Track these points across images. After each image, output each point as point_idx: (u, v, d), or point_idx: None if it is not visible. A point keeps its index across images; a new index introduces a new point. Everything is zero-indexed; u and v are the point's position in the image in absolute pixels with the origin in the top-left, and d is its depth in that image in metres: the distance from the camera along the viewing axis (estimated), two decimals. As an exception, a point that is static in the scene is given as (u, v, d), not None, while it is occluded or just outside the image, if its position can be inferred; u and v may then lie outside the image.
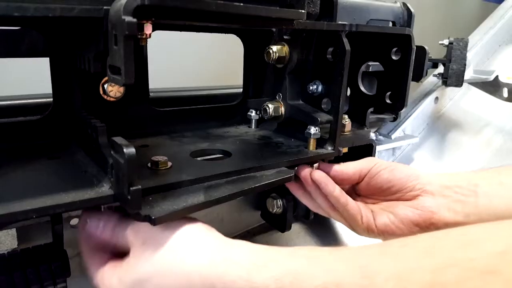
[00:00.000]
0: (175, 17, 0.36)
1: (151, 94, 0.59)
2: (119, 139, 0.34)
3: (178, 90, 0.76)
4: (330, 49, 0.53)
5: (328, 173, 0.53)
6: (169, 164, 0.45)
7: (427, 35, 0.89)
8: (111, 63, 0.33)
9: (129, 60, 0.31)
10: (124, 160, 0.33)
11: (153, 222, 0.34)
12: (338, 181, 0.54)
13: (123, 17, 0.30)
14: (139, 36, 0.35)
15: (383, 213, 0.51)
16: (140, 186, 0.33)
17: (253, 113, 0.66)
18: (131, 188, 0.33)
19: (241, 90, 0.70)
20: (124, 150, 0.33)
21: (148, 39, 0.37)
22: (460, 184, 0.49)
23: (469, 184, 0.49)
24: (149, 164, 0.45)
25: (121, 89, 0.54)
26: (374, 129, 0.92)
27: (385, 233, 0.50)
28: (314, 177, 0.52)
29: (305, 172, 0.53)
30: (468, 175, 0.51)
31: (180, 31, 0.58)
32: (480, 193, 0.48)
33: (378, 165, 0.53)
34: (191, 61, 1.46)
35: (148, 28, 0.36)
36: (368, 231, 0.51)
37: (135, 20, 0.30)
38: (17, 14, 0.30)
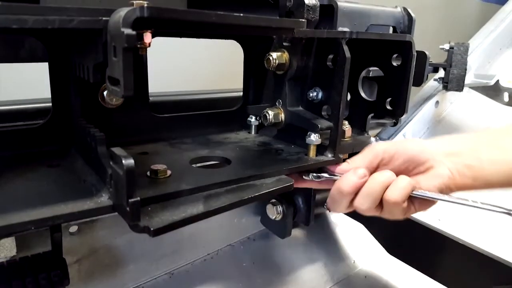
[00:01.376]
0: (175, 28, 0.35)
1: (150, 98, 0.59)
2: (118, 150, 0.34)
3: (177, 94, 0.75)
4: (330, 56, 0.53)
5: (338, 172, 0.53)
6: (169, 172, 0.45)
7: (427, 38, 0.89)
8: (110, 74, 0.33)
9: (128, 72, 0.30)
10: (123, 171, 0.33)
11: (152, 233, 0.34)
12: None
13: (122, 29, 0.30)
14: (138, 46, 0.35)
15: None
16: (139, 198, 0.33)
17: (253, 119, 0.66)
18: (130, 200, 0.33)
19: (240, 93, 0.69)
20: (123, 161, 0.32)
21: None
22: (463, 150, 0.52)
23: (471, 150, 0.52)
24: (148, 173, 0.44)
25: (121, 96, 0.54)
26: (374, 134, 0.92)
27: (422, 208, 0.52)
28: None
29: None
30: (468, 140, 0.54)
31: (180, 37, 0.58)
32: (484, 159, 0.51)
33: (386, 152, 0.52)
34: (189, 64, 1.46)
35: (147, 37, 0.35)
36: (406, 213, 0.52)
37: (134, 32, 0.30)
38: (16, 26, 0.29)
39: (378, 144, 0.55)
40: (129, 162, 0.33)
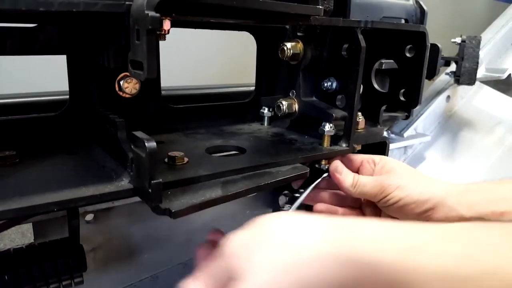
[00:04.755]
0: (195, 13, 0.36)
1: (164, 92, 0.59)
2: (139, 134, 0.35)
3: (189, 88, 0.76)
4: (345, 46, 0.53)
5: (338, 185, 0.53)
6: (186, 159, 0.46)
7: (436, 34, 0.89)
8: (132, 58, 0.33)
9: (151, 54, 0.31)
10: (145, 154, 0.33)
11: (173, 215, 0.34)
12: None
13: (146, 11, 0.30)
14: (157, 32, 0.36)
15: None
16: (161, 180, 0.34)
17: (265, 111, 0.66)
18: (152, 182, 0.33)
19: (250, 88, 0.70)
20: (146, 144, 0.33)
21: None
22: (483, 213, 0.45)
23: (494, 214, 0.45)
24: (166, 160, 0.45)
25: (137, 85, 0.54)
26: (386, 128, 0.92)
27: None
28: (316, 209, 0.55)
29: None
30: (493, 197, 0.46)
31: (195, 28, 0.59)
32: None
33: (387, 199, 0.49)
34: (197, 61, 1.47)
35: (167, 24, 0.36)
36: None
37: (158, 14, 0.30)
38: (42, 8, 0.30)
39: (393, 177, 0.50)
40: (151, 144, 0.33)
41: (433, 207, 0.47)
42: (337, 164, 0.53)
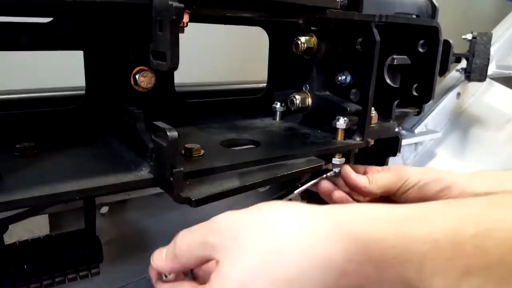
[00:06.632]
0: (215, 5, 0.36)
1: (177, 88, 0.60)
2: (161, 124, 0.35)
3: (202, 85, 0.77)
4: (360, 40, 0.53)
5: (353, 186, 0.53)
6: (202, 151, 0.46)
7: (444, 31, 0.90)
8: (154, 49, 0.34)
9: (175, 45, 0.31)
10: (167, 143, 0.34)
11: (193, 203, 0.35)
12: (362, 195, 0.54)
13: (171, 2, 0.30)
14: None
15: None
16: (182, 168, 0.34)
17: (278, 105, 0.67)
18: (174, 170, 0.34)
19: (261, 85, 0.70)
20: (168, 133, 0.33)
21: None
22: (491, 189, 0.49)
23: (502, 191, 0.49)
24: (182, 151, 0.45)
25: (152, 80, 0.55)
26: (397, 124, 0.92)
27: None
28: (335, 197, 0.54)
29: (327, 187, 0.55)
30: (500, 178, 0.51)
31: (209, 23, 0.59)
32: None
33: (407, 183, 0.51)
34: (205, 57, 1.46)
35: (186, 16, 0.36)
36: None
37: (182, 5, 0.31)
38: (68, -1, 0.30)
39: (407, 168, 0.54)
40: (173, 133, 0.34)
41: (450, 185, 0.50)
42: (347, 169, 0.54)
